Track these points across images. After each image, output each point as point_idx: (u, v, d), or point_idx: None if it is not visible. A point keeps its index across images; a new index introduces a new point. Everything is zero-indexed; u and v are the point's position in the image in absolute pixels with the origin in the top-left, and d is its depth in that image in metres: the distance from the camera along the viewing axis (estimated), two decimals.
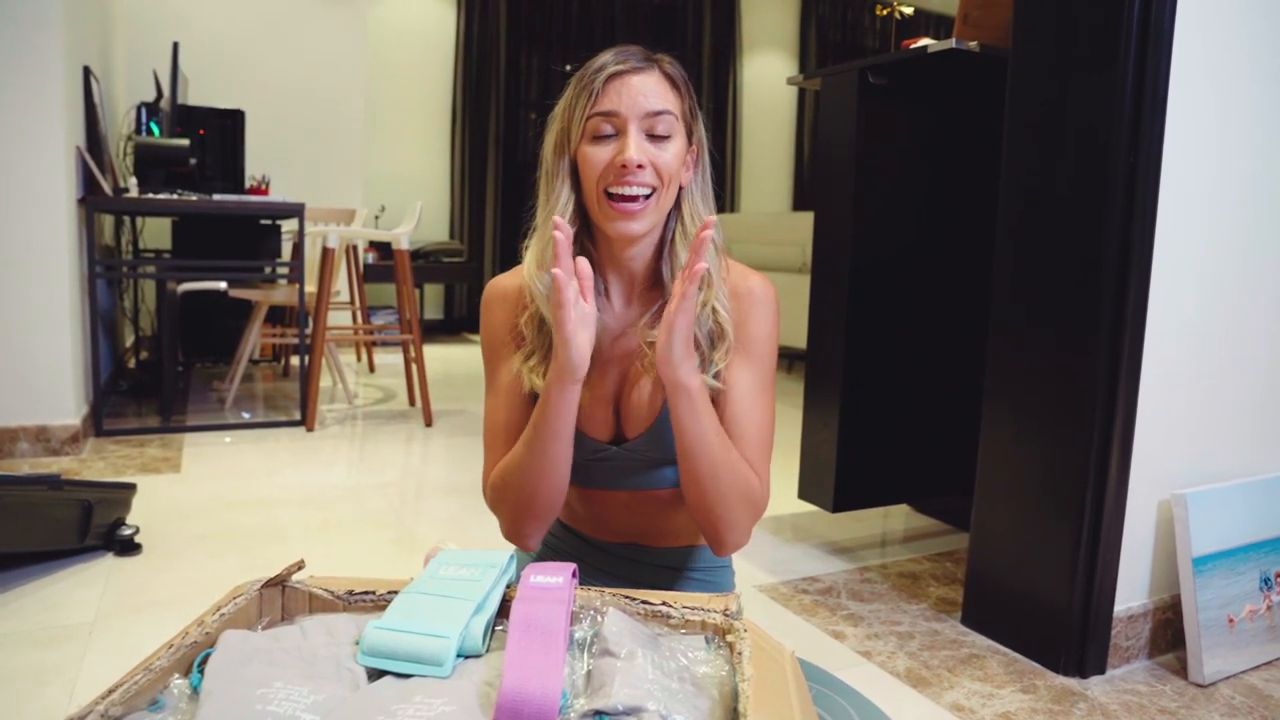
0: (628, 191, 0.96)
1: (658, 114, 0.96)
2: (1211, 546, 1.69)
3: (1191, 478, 1.74)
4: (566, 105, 1.00)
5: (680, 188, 1.02)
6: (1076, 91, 1.62)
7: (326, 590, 0.80)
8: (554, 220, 0.86)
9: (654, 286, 1.05)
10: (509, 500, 1.02)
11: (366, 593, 0.80)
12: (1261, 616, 1.73)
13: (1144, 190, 1.56)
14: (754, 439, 1.03)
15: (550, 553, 1.17)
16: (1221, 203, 1.69)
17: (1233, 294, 1.74)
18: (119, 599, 1.85)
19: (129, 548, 2.09)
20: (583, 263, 0.90)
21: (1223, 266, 1.72)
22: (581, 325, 0.90)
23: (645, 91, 0.96)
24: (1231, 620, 1.68)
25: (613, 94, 0.96)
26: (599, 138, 0.97)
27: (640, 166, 0.95)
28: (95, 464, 2.80)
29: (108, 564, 2.03)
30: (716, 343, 1.02)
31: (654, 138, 0.97)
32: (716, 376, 1.01)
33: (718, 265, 1.02)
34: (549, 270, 0.96)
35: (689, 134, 1.01)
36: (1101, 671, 1.66)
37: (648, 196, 0.97)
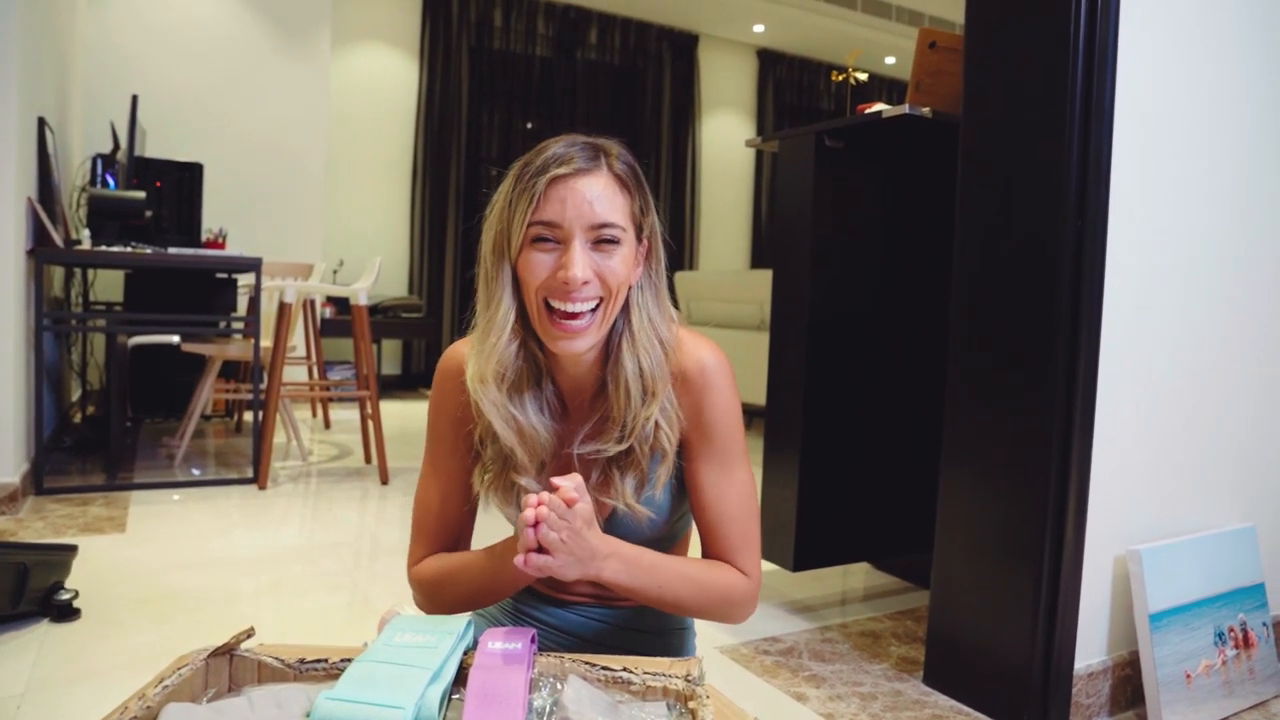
0: (571, 309, 0.90)
1: (604, 225, 0.90)
2: (1167, 602, 1.70)
3: (1146, 533, 1.76)
4: (506, 203, 0.93)
5: (630, 286, 0.96)
6: (1025, 158, 1.67)
7: (277, 659, 0.77)
8: (527, 499, 0.84)
9: (599, 393, 1.00)
10: (438, 603, 1.04)
11: (319, 661, 0.77)
12: (1217, 672, 1.75)
13: (1092, 253, 1.60)
14: (734, 531, 1.02)
15: (507, 615, 1.15)
16: (1167, 263, 1.74)
17: (1182, 351, 1.79)
18: (53, 669, 1.77)
19: (67, 613, 2.00)
20: (567, 493, 0.85)
21: (1171, 325, 1.76)
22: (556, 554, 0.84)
23: (591, 198, 0.90)
24: (1189, 676, 1.69)
25: (555, 201, 0.89)
26: (540, 245, 0.91)
27: (585, 283, 0.89)
28: (34, 524, 2.71)
29: (42, 631, 1.95)
30: (660, 460, 0.98)
31: (600, 246, 0.91)
32: (647, 500, 1.00)
33: (665, 372, 0.97)
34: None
35: (639, 232, 0.96)
36: None
37: (593, 310, 0.92)
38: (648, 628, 1.11)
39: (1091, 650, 1.71)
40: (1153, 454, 1.77)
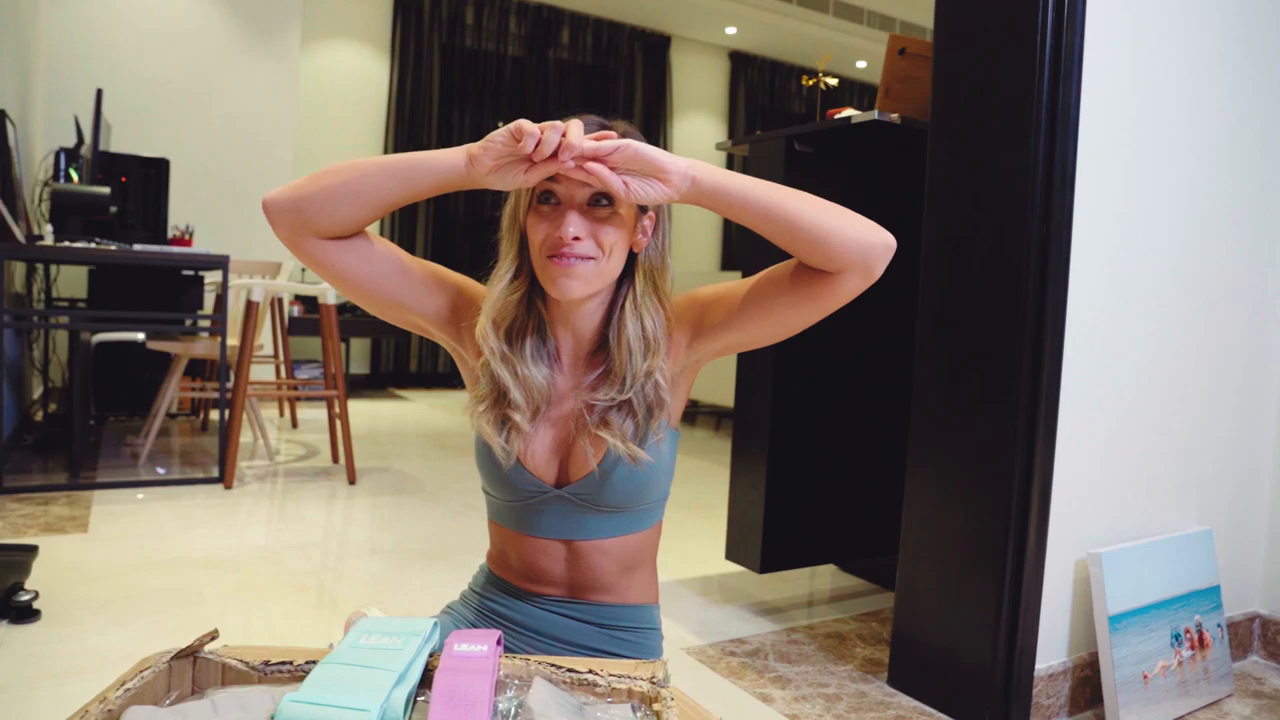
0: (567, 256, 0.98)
1: (597, 195, 0.98)
2: (1126, 604, 1.74)
3: (1106, 536, 1.79)
4: None
5: (635, 253, 1.04)
6: (991, 167, 1.70)
7: (241, 661, 0.77)
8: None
9: (599, 350, 1.07)
10: (335, 179, 0.94)
11: (284, 663, 0.77)
12: (1174, 672, 1.78)
13: (1056, 259, 1.63)
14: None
15: (472, 609, 1.15)
16: (1128, 270, 1.77)
17: (1143, 357, 1.82)
18: (12, 671, 1.74)
19: (26, 614, 1.97)
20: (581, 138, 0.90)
21: (1133, 331, 1.79)
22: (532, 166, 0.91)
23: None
24: (1146, 677, 1.73)
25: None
26: (543, 209, 0.99)
27: (577, 239, 0.96)
28: None
29: (0, 632, 1.91)
30: (655, 413, 1.04)
31: (596, 211, 0.98)
32: (649, 447, 1.03)
33: (665, 334, 1.05)
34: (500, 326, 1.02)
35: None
36: None
37: (587, 260, 0.98)
38: (617, 624, 1.12)
39: (1052, 652, 1.74)
40: (1114, 459, 1.80)
